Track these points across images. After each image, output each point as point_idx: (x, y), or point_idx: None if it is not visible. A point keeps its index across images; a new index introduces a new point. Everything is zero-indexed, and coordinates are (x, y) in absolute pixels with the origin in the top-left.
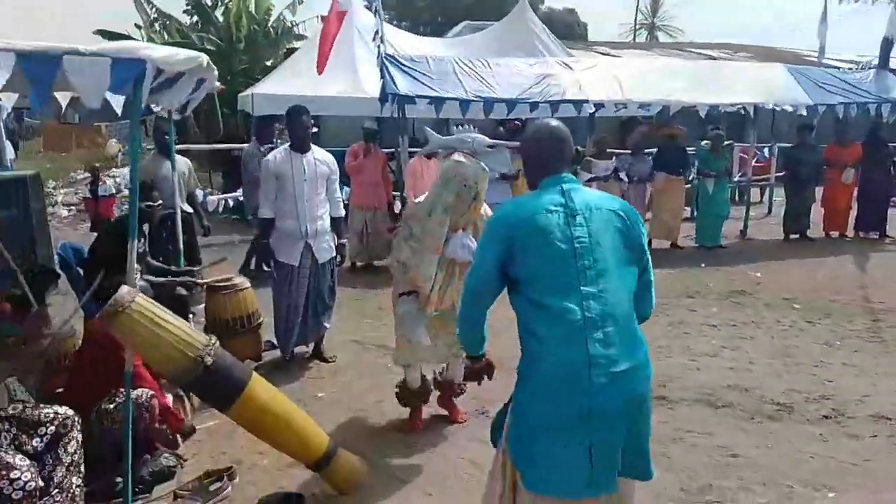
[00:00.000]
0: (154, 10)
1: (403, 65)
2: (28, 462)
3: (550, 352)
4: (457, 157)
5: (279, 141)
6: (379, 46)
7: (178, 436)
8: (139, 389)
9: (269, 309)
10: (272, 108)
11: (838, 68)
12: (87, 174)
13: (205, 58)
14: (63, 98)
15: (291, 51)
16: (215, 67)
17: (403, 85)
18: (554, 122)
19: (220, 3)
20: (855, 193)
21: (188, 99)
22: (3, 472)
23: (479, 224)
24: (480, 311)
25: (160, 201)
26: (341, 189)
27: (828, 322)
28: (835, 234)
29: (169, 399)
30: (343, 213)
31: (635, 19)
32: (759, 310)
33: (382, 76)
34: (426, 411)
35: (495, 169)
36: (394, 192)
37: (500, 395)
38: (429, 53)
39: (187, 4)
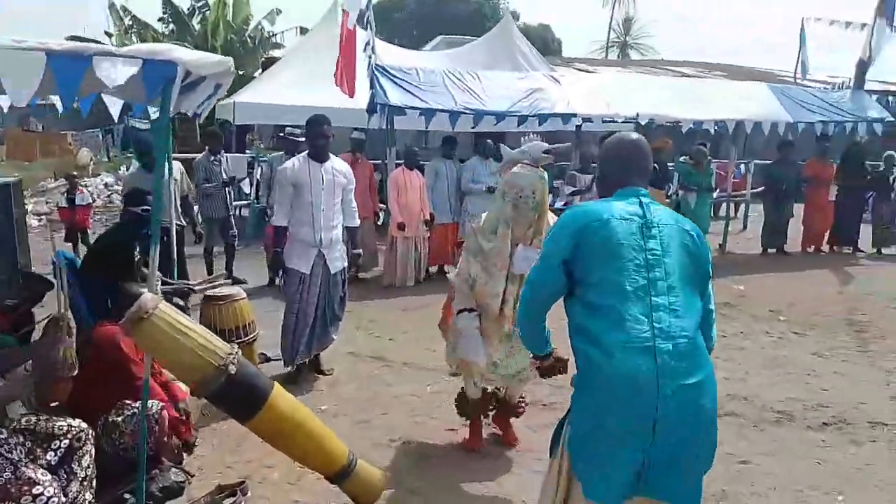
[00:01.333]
0: (129, 17)
1: (394, 76)
2: (50, 476)
3: (616, 359)
4: (516, 168)
5: (249, 151)
6: (370, 57)
7: (183, 450)
8: (149, 401)
9: (266, 322)
10: (254, 117)
11: (814, 87)
12: (61, 183)
13: (230, 62)
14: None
15: (270, 60)
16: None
17: (394, 96)
18: (637, 136)
19: (197, 12)
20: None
21: (205, 103)
22: (26, 488)
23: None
24: (540, 308)
25: None
26: None
27: (814, 334)
28: (811, 248)
29: None
30: (358, 222)
31: (608, 36)
32: (746, 322)
33: (373, 86)
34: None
35: (482, 182)
36: (380, 204)
37: None
38: (416, 66)
39: (164, 13)
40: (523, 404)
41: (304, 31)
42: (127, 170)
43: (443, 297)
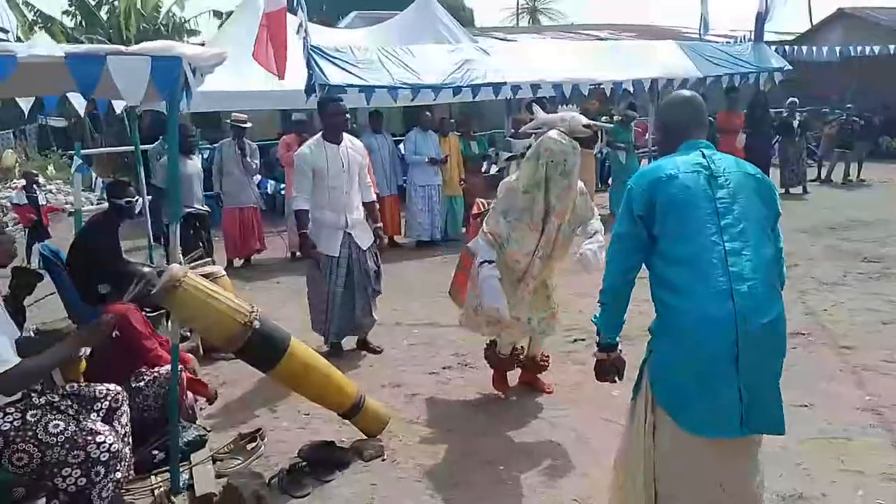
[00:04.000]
0: (34, 11)
1: (330, 55)
2: (108, 427)
3: (694, 304)
4: (552, 133)
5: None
6: (305, 39)
7: (208, 402)
8: (165, 366)
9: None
10: (194, 105)
11: (718, 42)
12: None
13: (226, 53)
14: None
15: None
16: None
17: (333, 75)
18: (691, 92)
19: (104, 2)
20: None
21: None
22: (90, 438)
23: (580, 207)
24: (625, 261)
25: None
26: (265, 183)
27: None
28: None
29: None
30: (374, 196)
31: (517, 3)
32: None
33: (310, 67)
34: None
35: (423, 153)
36: None
37: None
38: (349, 44)
39: (70, 5)
40: (546, 358)
41: (217, 14)
42: (56, 170)
43: (394, 266)
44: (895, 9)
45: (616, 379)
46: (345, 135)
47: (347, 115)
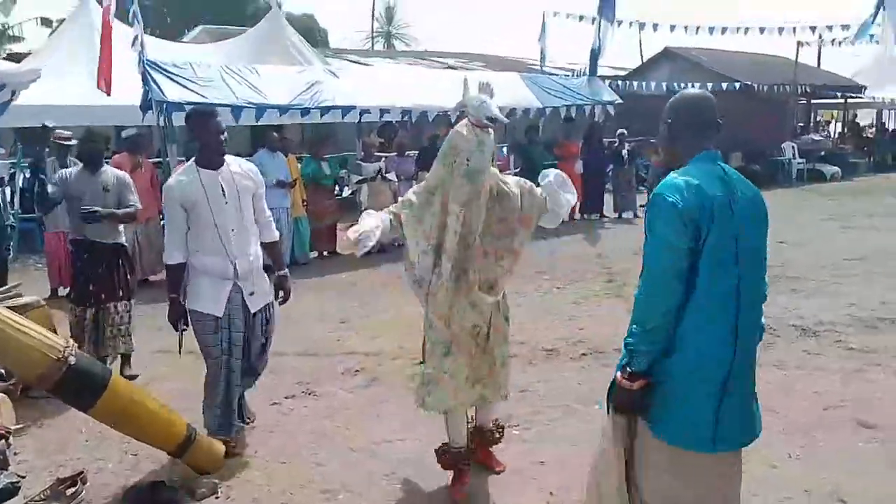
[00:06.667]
0: None
1: (168, 71)
2: None
3: (703, 324)
4: (460, 126)
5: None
6: (140, 53)
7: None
8: None
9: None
10: (5, 120)
11: (557, 75)
12: None
13: (40, 71)
14: None
15: (15, 56)
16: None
17: (171, 92)
18: (704, 91)
19: None
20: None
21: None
22: None
23: (526, 207)
24: (673, 303)
25: None
26: None
27: (573, 286)
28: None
29: None
30: (277, 235)
31: (372, 27)
32: (518, 283)
33: (146, 82)
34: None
35: (270, 175)
36: None
37: None
38: (189, 61)
39: None
40: (500, 428)
41: (46, 21)
42: None
43: None
44: (715, 50)
45: (640, 412)
46: (229, 157)
47: (223, 133)
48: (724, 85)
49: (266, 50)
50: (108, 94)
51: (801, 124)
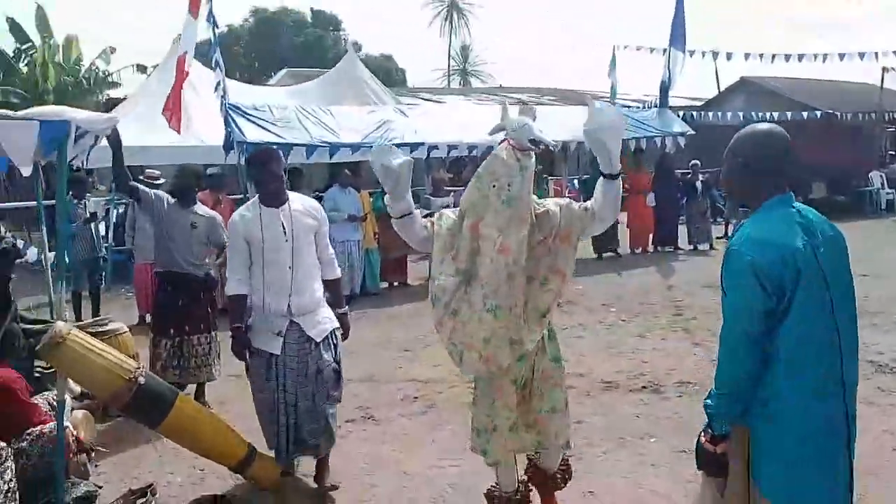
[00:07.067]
0: None
1: (248, 114)
2: None
3: (808, 384)
4: (499, 150)
5: (90, 195)
6: (222, 98)
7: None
8: (50, 424)
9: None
10: (100, 160)
11: (628, 107)
12: None
13: (117, 119)
14: None
15: (113, 101)
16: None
17: (251, 133)
18: (768, 125)
19: (23, 55)
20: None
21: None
22: None
23: (564, 225)
24: (750, 365)
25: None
26: None
27: (638, 319)
28: (638, 249)
29: None
30: (339, 273)
31: (448, 65)
32: (583, 315)
33: (228, 125)
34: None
35: (342, 210)
36: None
37: None
38: (267, 104)
39: None
40: (566, 468)
41: (141, 68)
42: None
43: None
44: (792, 79)
45: (719, 477)
46: (293, 194)
47: (280, 168)
48: (805, 114)
49: (341, 91)
50: (178, 133)
51: (892, 153)
